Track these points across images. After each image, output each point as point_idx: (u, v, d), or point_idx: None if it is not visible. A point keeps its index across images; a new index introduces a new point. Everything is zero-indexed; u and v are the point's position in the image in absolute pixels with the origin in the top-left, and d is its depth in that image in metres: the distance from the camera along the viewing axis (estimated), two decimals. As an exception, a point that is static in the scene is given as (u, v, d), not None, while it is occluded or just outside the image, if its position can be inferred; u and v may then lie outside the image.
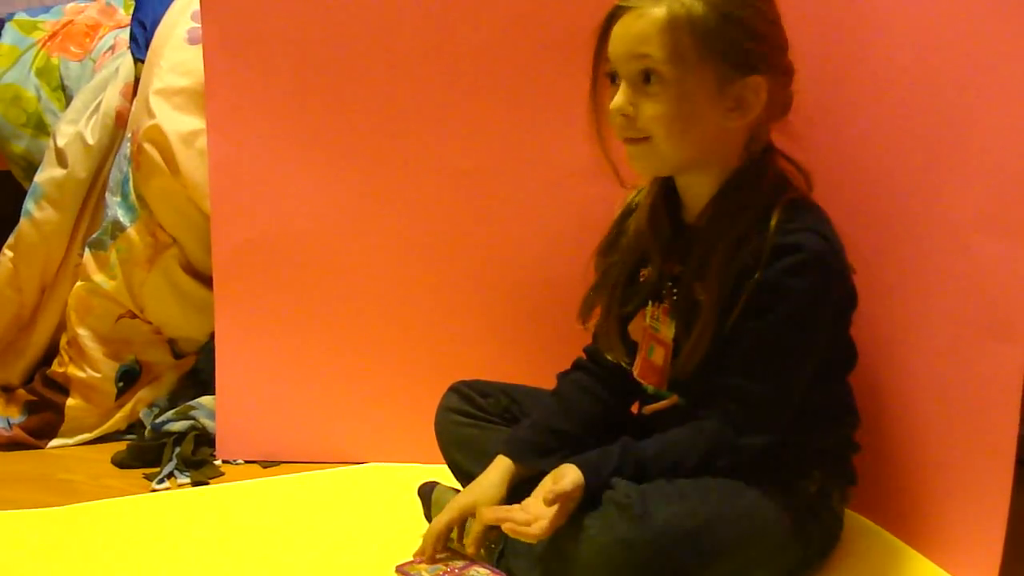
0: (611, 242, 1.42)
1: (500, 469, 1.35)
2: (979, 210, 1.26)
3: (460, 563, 1.33)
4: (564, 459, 1.26)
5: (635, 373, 1.39)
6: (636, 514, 1.18)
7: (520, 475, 1.34)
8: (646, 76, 1.25)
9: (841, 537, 1.39)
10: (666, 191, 1.36)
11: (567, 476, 1.23)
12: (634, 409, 1.46)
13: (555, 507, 1.21)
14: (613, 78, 1.29)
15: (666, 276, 1.35)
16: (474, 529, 1.31)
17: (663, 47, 1.24)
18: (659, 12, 1.24)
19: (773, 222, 1.24)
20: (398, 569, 1.33)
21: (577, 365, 1.48)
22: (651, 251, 1.35)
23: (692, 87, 1.25)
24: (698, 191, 1.32)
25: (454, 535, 1.35)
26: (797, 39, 1.35)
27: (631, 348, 1.39)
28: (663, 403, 1.36)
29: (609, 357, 1.41)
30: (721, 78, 1.26)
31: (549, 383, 1.49)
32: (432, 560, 1.33)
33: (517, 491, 1.34)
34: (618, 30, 1.27)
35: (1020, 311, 1.20)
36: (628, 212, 1.42)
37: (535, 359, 1.60)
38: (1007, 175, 1.21)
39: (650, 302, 1.37)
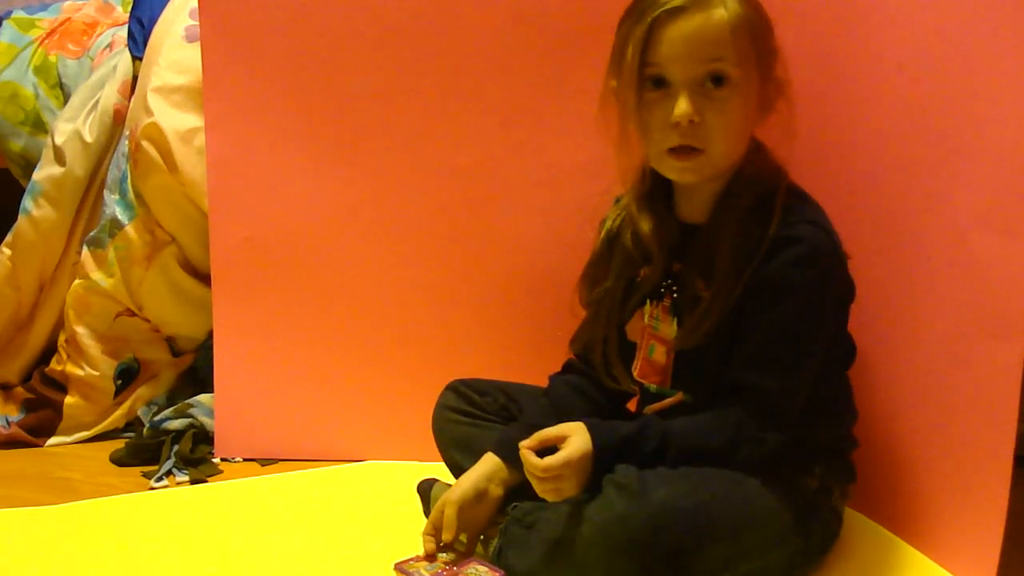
0: (599, 269, 1.42)
1: (485, 464, 1.35)
2: (979, 207, 1.26)
3: (459, 561, 1.33)
4: None
5: (635, 373, 1.39)
6: (634, 492, 1.19)
7: (513, 477, 1.34)
8: (714, 80, 1.24)
9: (840, 534, 1.39)
10: (663, 193, 1.36)
11: (572, 444, 1.23)
12: (632, 407, 1.46)
13: (556, 474, 1.22)
14: (658, 83, 1.27)
15: (665, 275, 1.35)
16: (445, 515, 1.32)
17: (735, 50, 1.23)
18: (722, 14, 1.23)
19: (775, 214, 1.25)
20: (397, 567, 1.33)
21: (568, 366, 1.48)
22: (654, 252, 1.35)
23: (749, 89, 1.26)
24: (704, 190, 1.32)
25: (463, 537, 1.35)
26: (799, 36, 1.35)
27: (630, 350, 1.39)
28: (667, 401, 1.35)
29: (608, 384, 1.40)
30: (761, 79, 1.27)
31: (547, 381, 1.49)
32: (431, 558, 1.33)
33: (518, 494, 1.34)
34: (676, 34, 1.23)
35: (1019, 308, 1.20)
36: (611, 237, 1.41)
37: (533, 357, 1.59)
38: (1007, 172, 1.21)
39: (648, 301, 1.37)
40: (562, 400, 1.43)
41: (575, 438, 1.24)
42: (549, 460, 1.23)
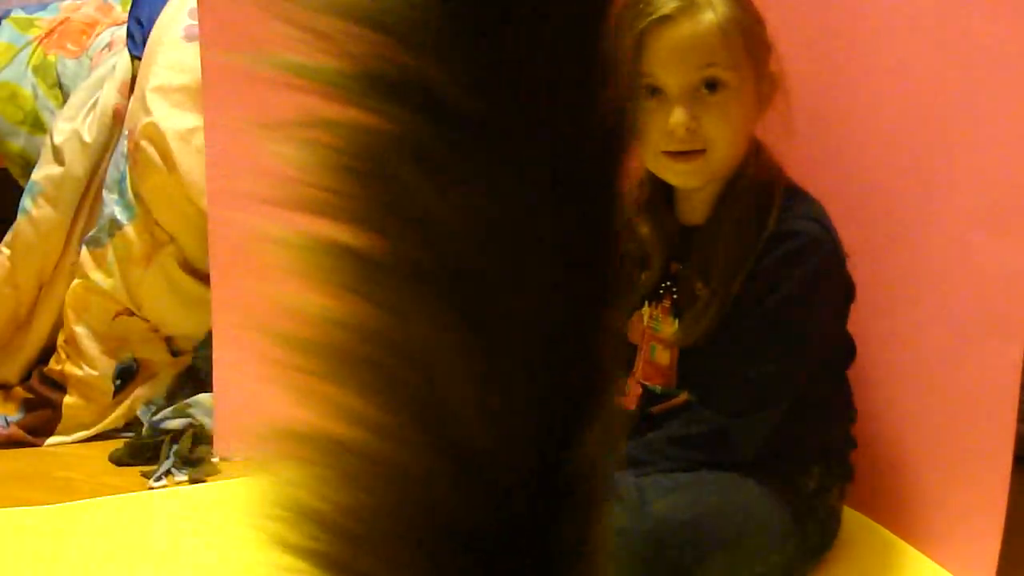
0: None
1: None
2: (978, 208, 1.26)
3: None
4: None
5: (637, 375, 1.39)
6: (633, 504, 1.18)
7: None
8: (708, 85, 1.24)
9: (839, 534, 1.39)
10: (663, 195, 1.36)
11: None
12: (631, 405, 1.46)
13: None
14: (652, 92, 1.27)
15: (664, 276, 1.35)
16: None
17: (727, 53, 1.23)
18: (711, 18, 1.22)
19: (773, 212, 1.25)
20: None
21: None
22: (653, 254, 1.35)
23: (745, 90, 1.25)
24: (704, 191, 1.32)
25: None
26: (797, 37, 1.35)
27: (630, 352, 1.39)
28: (675, 401, 1.35)
29: None
30: (756, 76, 1.26)
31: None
32: None
33: None
34: (666, 43, 1.23)
35: (1018, 308, 1.20)
36: None
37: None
38: (1006, 173, 1.21)
39: (647, 303, 1.37)
40: None
41: None
42: None
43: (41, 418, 1.97)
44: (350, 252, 0.34)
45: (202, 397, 1.93)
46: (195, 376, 2.02)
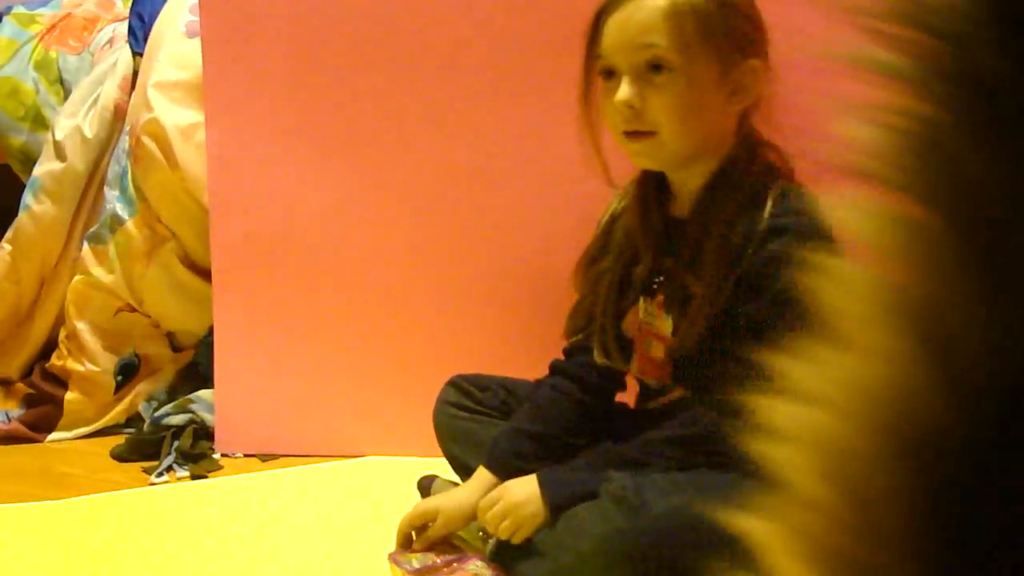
0: (599, 250, 1.42)
1: (477, 482, 1.35)
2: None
3: (453, 554, 1.33)
4: (540, 461, 1.30)
5: (633, 370, 1.38)
6: (633, 505, 1.19)
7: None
8: (653, 67, 1.25)
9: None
10: (655, 187, 1.36)
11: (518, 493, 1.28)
12: (629, 402, 1.46)
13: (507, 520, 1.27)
14: (609, 74, 1.29)
15: (656, 271, 1.35)
16: (428, 534, 1.33)
17: (669, 35, 1.24)
18: (660, 1, 1.24)
19: (766, 209, 1.24)
20: (390, 556, 1.34)
21: (554, 369, 1.46)
22: (641, 247, 1.35)
23: (698, 74, 1.25)
24: (691, 183, 1.31)
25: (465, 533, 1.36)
26: (796, 31, 1.34)
27: (627, 346, 1.39)
28: (670, 396, 1.35)
29: (601, 362, 1.40)
30: (723, 63, 1.26)
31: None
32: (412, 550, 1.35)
33: None
34: (615, 23, 1.26)
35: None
36: (613, 219, 1.41)
37: (533, 353, 1.59)
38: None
39: (642, 298, 1.37)
40: (545, 404, 1.41)
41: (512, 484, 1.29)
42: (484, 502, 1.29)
43: (42, 414, 1.97)
44: (906, 221, 0.41)
45: (203, 393, 1.93)
46: (196, 372, 2.02)
